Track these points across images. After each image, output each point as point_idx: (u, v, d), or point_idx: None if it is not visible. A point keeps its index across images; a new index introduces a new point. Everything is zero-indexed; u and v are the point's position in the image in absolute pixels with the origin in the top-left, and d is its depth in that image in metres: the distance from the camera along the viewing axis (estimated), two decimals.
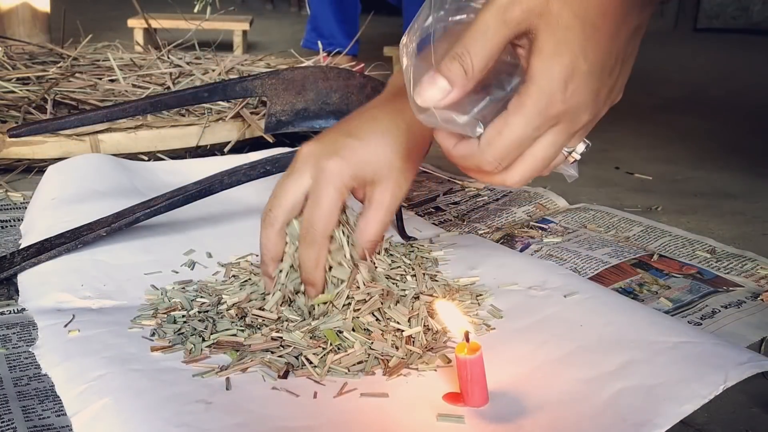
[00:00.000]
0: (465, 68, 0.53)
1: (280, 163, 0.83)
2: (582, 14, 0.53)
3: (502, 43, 0.53)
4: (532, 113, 0.53)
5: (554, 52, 0.53)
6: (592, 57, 0.54)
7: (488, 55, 0.53)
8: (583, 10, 0.53)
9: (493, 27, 0.53)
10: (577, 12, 0.53)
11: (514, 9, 0.52)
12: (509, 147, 0.54)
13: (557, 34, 0.52)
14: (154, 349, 0.64)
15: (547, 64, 0.53)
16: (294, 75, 1.05)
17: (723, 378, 0.55)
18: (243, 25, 2.76)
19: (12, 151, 1.12)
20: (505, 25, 0.53)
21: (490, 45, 0.53)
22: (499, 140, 0.54)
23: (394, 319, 0.66)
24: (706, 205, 1.11)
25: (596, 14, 0.53)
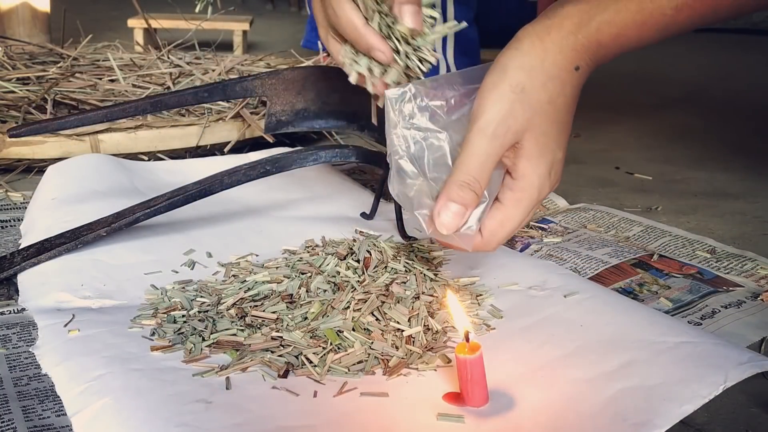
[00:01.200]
0: (476, 192, 0.60)
1: (280, 163, 0.83)
2: (555, 118, 0.61)
3: (497, 162, 0.61)
4: (527, 206, 0.63)
5: (539, 154, 0.61)
6: (563, 144, 0.63)
7: (489, 176, 0.61)
8: (555, 114, 0.61)
9: (491, 153, 0.60)
10: (553, 118, 0.61)
11: (507, 135, 0.60)
12: (509, 234, 0.64)
13: (539, 140, 0.61)
14: (154, 348, 0.64)
15: (534, 164, 0.61)
16: (294, 75, 1.04)
17: (723, 378, 0.55)
18: (243, 25, 2.76)
19: (12, 151, 1.12)
20: (501, 148, 0.60)
21: (490, 167, 0.60)
22: (502, 231, 0.63)
23: (394, 319, 0.66)
24: (706, 205, 1.11)
25: (565, 113, 0.62)
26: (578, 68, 0.61)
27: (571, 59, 0.60)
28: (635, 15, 0.60)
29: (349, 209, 0.96)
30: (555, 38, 0.60)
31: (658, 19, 0.60)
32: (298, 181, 1.03)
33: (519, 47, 0.61)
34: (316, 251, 0.82)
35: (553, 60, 0.60)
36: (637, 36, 0.61)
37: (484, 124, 0.60)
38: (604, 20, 0.60)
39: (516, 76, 0.60)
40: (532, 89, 0.60)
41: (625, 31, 0.60)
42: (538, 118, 0.60)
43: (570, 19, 0.60)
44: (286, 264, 0.78)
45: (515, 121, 0.60)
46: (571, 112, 0.63)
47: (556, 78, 0.60)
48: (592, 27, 0.60)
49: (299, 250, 0.84)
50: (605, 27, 0.60)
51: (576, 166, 1.28)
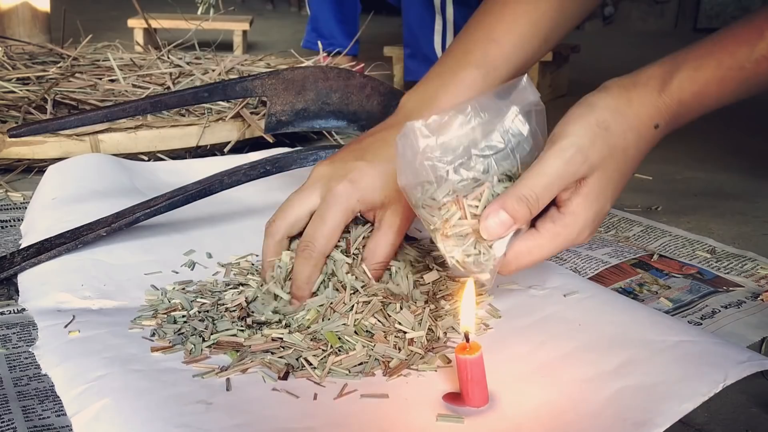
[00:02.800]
0: (532, 211, 0.59)
1: (280, 163, 0.83)
2: (623, 168, 0.61)
3: (560, 190, 0.60)
4: (561, 243, 0.61)
5: (596, 198, 0.60)
6: (616, 197, 0.63)
7: (549, 200, 0.60)
8: (624, 164, 0.61)
9: (562, 176, 0.59)
10: (621, 167, 0.61)
11: (583, 166, 0.59)
12: (531, 264, 0.62)
13: (602, 184, 0.60)
14: (154, 349, 0.64)
15: (588, 205, 0.60)
16: (294, 75, 1.04)
17: (723, 376, 0.55)
18: (243, 25, 2.76)
19: (12, 151, 1.12)
20: (572, 176, 0.59)
21: (554, 191, 0.59)
22: (527, 258, 0.61)
23: (398, 321, 0.66)
24: (706, 205, 1.11)
25: (631, 167, 0.62)
26: (657, 126, 0.62)
27: (652, 116, 0.61)
28: (715, 71, 0.60)
29: None
30: (641, 92, 0.61)
31: (736, 73, 0.60)
32: (298, 181, 1.02)
33: (607, 91, 0.62)
34: None
35: (637, 112, 0.61)
36: (718, 92, 0.61)
37: (566, 145, 0.59)
38: (685, 77, 0.61)
39: (603, 114, 0.60)
40: (615, 131, 0.60)
41: (706, 88, 0.61)
42: (610, 161, 0.60)
43: (654, 78, 0.61)
44: None
45: (593, 154, 0.59)
46: (635, 167, 0.63)
47: (635, 129, 0.61)
48: (674, 85, 0.61)
49: None
50: (687, 84, 0.61)
51: None
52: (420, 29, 1.83)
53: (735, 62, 0.60)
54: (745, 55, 0.60)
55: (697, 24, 4.13)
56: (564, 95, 2.04)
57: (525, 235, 0.61)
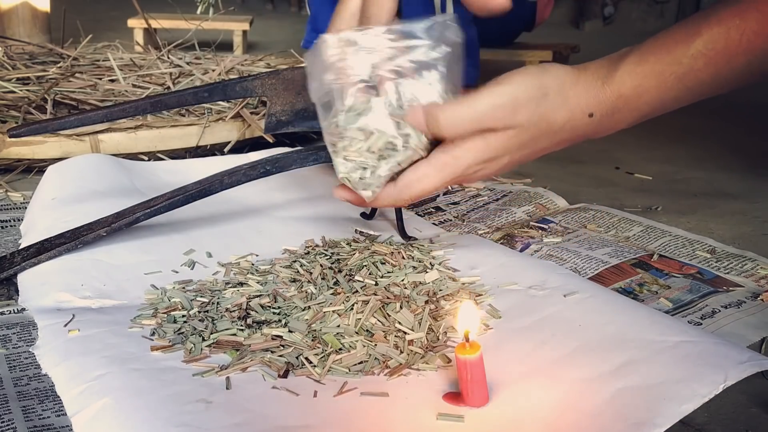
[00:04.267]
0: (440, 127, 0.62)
1: (280, 163, 0.83)
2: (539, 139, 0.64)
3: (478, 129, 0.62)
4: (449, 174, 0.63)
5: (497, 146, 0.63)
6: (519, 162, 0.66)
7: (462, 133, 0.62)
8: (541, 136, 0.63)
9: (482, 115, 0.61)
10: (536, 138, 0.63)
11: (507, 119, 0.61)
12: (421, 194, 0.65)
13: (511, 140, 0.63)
14: (154, 348, 0.64)
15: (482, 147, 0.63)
16: (294, 75, 1.04)
17: (723, 377, 0.55)
18: (243, 25, 2.76)
19: (12, 151, 1.12)
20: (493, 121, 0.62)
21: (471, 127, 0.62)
22: (417, 186, 0.64)
23: (398, 321, 0.66)
24: (706, 205, 1.11)
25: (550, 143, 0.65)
26: (592, 115, 0.63)
27: (590, 104, 0.63)
28: (653, 65, 0.62)
29: (349, 209, 0.96)
30: (586, 79, 0.63)
31: (674, 68, 0.62)
32: (298, 181, 1.03)
33: (563, 67, 0.64)
34: (318, 249, 0.82)
35: (577, 94, 0.63)
36: (656, 87, 0.63)
37: (504, 92, 0.61)
38: (626, 71, 0.63)
39: (548, 82, 0.62)
40: (551, 102, 0.62)
41: (645, 82, 0.62)
42: (531, 126, 0.62)
43: (602, 68, 0.64)
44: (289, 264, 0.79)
45: (522, 112, 0.61)
46: (554, 146, 0.65)
47: (569, 110, 0.63)
48: (616, 78, 0.63)
49: (299, 250, 0.85)
50: (627, 78, 0.63)
51: (576, 166, 1.28)
52: None
53: (673, 58, 0.62)
54: (682, 52, 0.61)
55: None
56: None
57: (415, 164, 0.64)
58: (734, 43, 0.60)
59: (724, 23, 0.60)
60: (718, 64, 0.61)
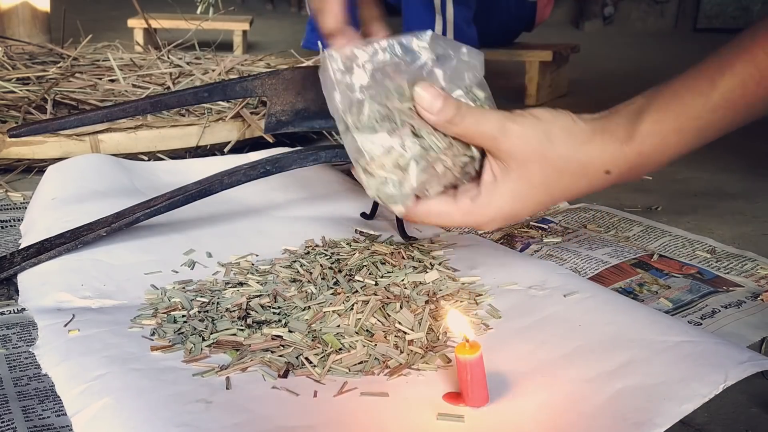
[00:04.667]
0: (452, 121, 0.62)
1: (280, 163, 0.83)
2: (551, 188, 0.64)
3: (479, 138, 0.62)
4: (469, 222, 0.65)
5: (517, 198, 0.63)
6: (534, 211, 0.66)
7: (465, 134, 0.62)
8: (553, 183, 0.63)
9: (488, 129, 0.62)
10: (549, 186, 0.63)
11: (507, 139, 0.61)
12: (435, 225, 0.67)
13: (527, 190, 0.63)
14: (154, 348, 0.64)
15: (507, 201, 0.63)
16: (294, 75, 1.04)
17: (723, 377, 0.55)
18: (243, 25, 2.76)
19: (12, 151, 1.12)
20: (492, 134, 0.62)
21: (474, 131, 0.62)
22: (433, 219, 0.65)
23: (398, 321, 0.66)
24: (706, 205, 1.11)
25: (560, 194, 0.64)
26: (608, 173, 0.64)
27: (606, 163, 0.63)
28: (673, 122, 0.62)
29: (349, 209, 0.96)
30: (606, 139, 0.63)
31: (694, 123, 0.62)
32: (298, 181, 1.03)
33: (576, 121, 0.63)
34: (318, 249, 0.82)
35: (590, 152, 0.63)
36: (677, 142, 0.63)
37: (516, 118, 0.62)
38: (646, 130, 0.63)
39: (557, 131, 0.62)
40: (556, 150, 0.62)
41: (666, 140, 0.63)
42: (537, 171, 0.62)
43: (621, 127, 0.63)
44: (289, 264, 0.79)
45: (522, 145, 0.62)
46: (566, 197, 0.66)
47: (579, 164, 0.63)
48: (636, 138, 0.63)
49: (299, 250, 0.85)
50: (647, 138, 0.63)
51: None
52: (420, 29, 1.83)
53: (692, 113, 0.62)
54: (701, 105, 0.62)
55: (696, 24, 4.13)
56: (564, 95, 2.04)
57: (443, 198, 0.64)
58: (751, 92, 0.61)
59: (738, 73, 0.61)
60: (736, 112, 0.62)
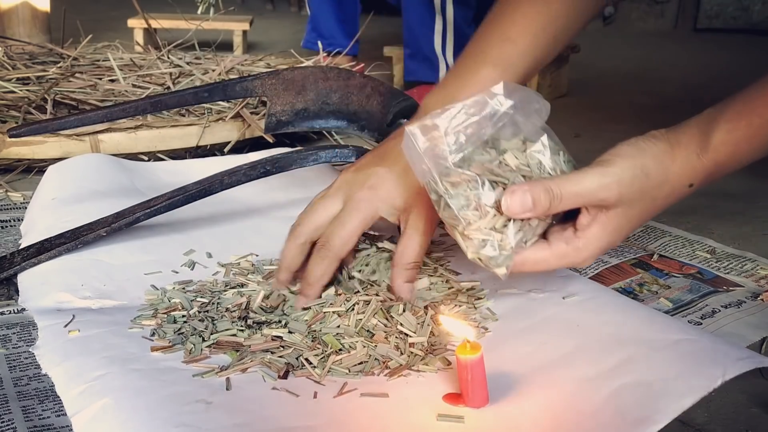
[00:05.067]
0: (551, 207, 0.61)
1: (280, 163, 0.83)
2: (644, 214, 0.65)
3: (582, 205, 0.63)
4: (566, 263, 0.65)
5: (612, 231, 0.64)
6: (628, 235, 0.66)
7: (569, 207, 0.63)
8: (647, 212, 0.65)
9: (590, 196, 0.62)
10: (643, 214, 0.65)
11: (613, 198, 0.62)
12: (532, 272, 0.66)
13: (622, 222, 0.64)
14: (154, 349, 0.64)
15: (602, 237, 0.64)
16: (294, 75, 1.04)
17: (721, 372, 0.55)
18: (243, 25, 2.76)
19: (12, 151, 1.12)
20: (598, 201, 0.62)
21: (576, 203, 0.63)
22: (530, 267, 0.64)
23: (400, 323, 0.66)
24: (706, 205, 1.11)
25: (652, 214, 0.66)
26: (691, 185, 0.65)
27: (690, 176, 0.65)
28: (746, 131, 0.64)
29: None
30: (683, 153, 0.64)
31: (764, 130, 0.64)
32: (298, 181, 1.03)
33: (655, 142, 0.65)
34: None
35: (677, 171, 0.64)
36: (749, 150, 0.65)
37: (609, 173, 0.62)
38: (720, 140, 0.64)
39: (649, 162, 0.63)
40: (653, 181, 0.63)
41: (739, 148, 0.64)
42: (638, 204, 0.64)
43: (695, 139, 0.65)
44: None
45: (627, 193, 0.62)
46: (656, 214, 0.67)
47: (671, 185, 0.64)
48: (711, 148, 0.64)
49: None
50: (722, 147, 0.64)
51: None
52: (420, 29, 1.83)
53: (763, 121, 0.64)
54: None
55: (697, 24, 4.13)
56: (564, 95, 2.04)
57: (537, 245, 0.64)
58: None
59: None
60: None
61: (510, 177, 0.63)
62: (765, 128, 0.64)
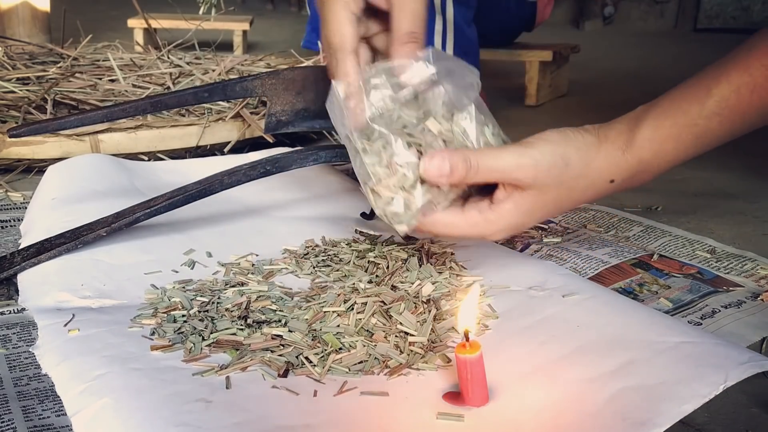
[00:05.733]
0: (467, 177, 0.62)
1: (280, 163, 0.83)
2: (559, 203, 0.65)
3: (497, 181, 0.64)
4: (476, 233, 0.66)
5: (525, 212, 0.65)
6: (539, 221, 0.67)
7: (482, 181, 0.64)
8: (562, 200, 0.66)
9: (505, 172, 0.63)
10: (557, 202, 0.65)
11: (528, 179, 0.63)
12: (442, 235, 0.67)
13: (535, 205, 0.65)
14: (154, 348, 0.64)
15: (514, 215, 0.65)
16: (294, 75, 1.04)
17: (723, 377, 0.55)
18: (243, 25, 2.76)
19: (12, 151, 1.12)
20: (513, 180, 0.63)
21: (490, 178, 0.63)
22: (441, 230, 0.66)
23: (400, 322, 0.66)
24: (706, 205, 1.11)
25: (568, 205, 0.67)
26: (613, 181, 0.66)
27: (612, 172, 0.65)
28: (670, 129, 0.64)
29: (349, 209, 0.96)
30: (608, 148, 0.65)
31: (690, 129, 0.64)
32: (298, 181, 1.03)
33: (584, 135, 0.65)
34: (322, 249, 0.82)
35: (599, 165, 0.65)
36: (674, 149, 0.65)
37: (528, 153, 0.63)
38: (645, 137, 0.65)
39: (570, 152, 0.64)
40: (572, 171, 0.64)
41: (664, 146, 0.65)
42: (552, 190, 0.64)
43: (622, 135, 0.65)
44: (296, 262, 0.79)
45: (543, 177, 0.63)
46: (572, 208, 0.69)
47: (591, 179, 0.65)
48: (636, 145, 0.65)
49: (299, 250, 0.85)
50: (647, 144, 0.65)
51: None
52: None
53: (688, 120, 0.64)
54: (696, 113, 0.64)
55: (696, 24, 4.13)
56: (564, 95, 2.04)
57: (451, 209, 0.65)
58: (745, 100, 0.63)
59: (733, 82, 0.63)
60: (732, 120, 0.64)
61: (429, 140, 0.64)
62: (690, 128, 0.64)
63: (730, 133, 0.66)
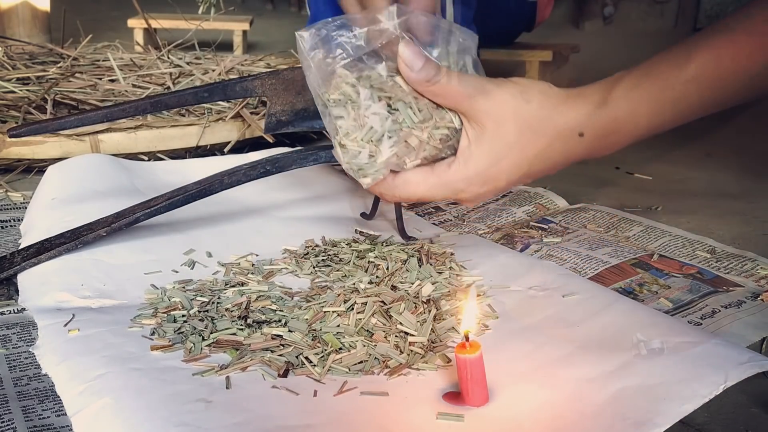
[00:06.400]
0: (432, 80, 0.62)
1: (280, 163, 0.83)
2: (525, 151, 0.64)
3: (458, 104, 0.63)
4: (443, 192, 0.65)
5: (491, 155, 0.64)
6: (512, 181, 0.65)
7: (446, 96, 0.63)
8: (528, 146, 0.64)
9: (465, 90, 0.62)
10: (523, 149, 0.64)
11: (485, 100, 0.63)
12: (409, 198, 0.67)
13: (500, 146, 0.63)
14: (154, 348, 0.64)
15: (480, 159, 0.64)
16: (294, 75, 1.04)
17: (723, 378, 0.55)
18: (243, 25, 2.76)
19: (12, 151, 1.12)
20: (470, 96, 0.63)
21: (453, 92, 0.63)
22: (411, 188, 0.65)
23: (400, 322, 0.66)
24: (706, 205, 1.11)
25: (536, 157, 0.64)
26: (582, 134, 0.64)
27: (581, 124, 0.63)
28: (647, 91, 0.63)
29: (349, 209, 0.96)
30: (581, 102, 0.64)
31: (667, 94, 0.63)
32: (298, 181, 1.03)
33: (552, 87, 0.65)
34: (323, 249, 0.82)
35: (567, 114, 0.64)
36: (648, 112, 0.63)
37: (491, 83, 0.63)
38: (621, 95, 0.63)
39: (534, 94, 0.63)
40: (532, 109, 0.63)
41: (638, 107, 0.63)
42: (512, 128, 0.63)
43: (597, 92, 0.64)
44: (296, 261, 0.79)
45: (499, 107, 0.62)
46: (548, 168, 0.66)
47: (556, 127, 0.63)
48: (611, 102, 0.63)
49: (299, 250, 0.85)
50: (622, 102, 0.63)
51: (576, 166, 1.28)
52: None
53: (666, 83, 0.62)
54: (675, 77, 0.62)
55: (696, 24, 4.13)
56: None
57: (420, 168, 0.65)
58: (725, 69, 0.61)
59: (714, 49, 0.61)
60: (710, 88, 0.62)
61: (399, 95, 0.63)
62: (667, 91, 0.62)
63: (711, 102, 0.64)
